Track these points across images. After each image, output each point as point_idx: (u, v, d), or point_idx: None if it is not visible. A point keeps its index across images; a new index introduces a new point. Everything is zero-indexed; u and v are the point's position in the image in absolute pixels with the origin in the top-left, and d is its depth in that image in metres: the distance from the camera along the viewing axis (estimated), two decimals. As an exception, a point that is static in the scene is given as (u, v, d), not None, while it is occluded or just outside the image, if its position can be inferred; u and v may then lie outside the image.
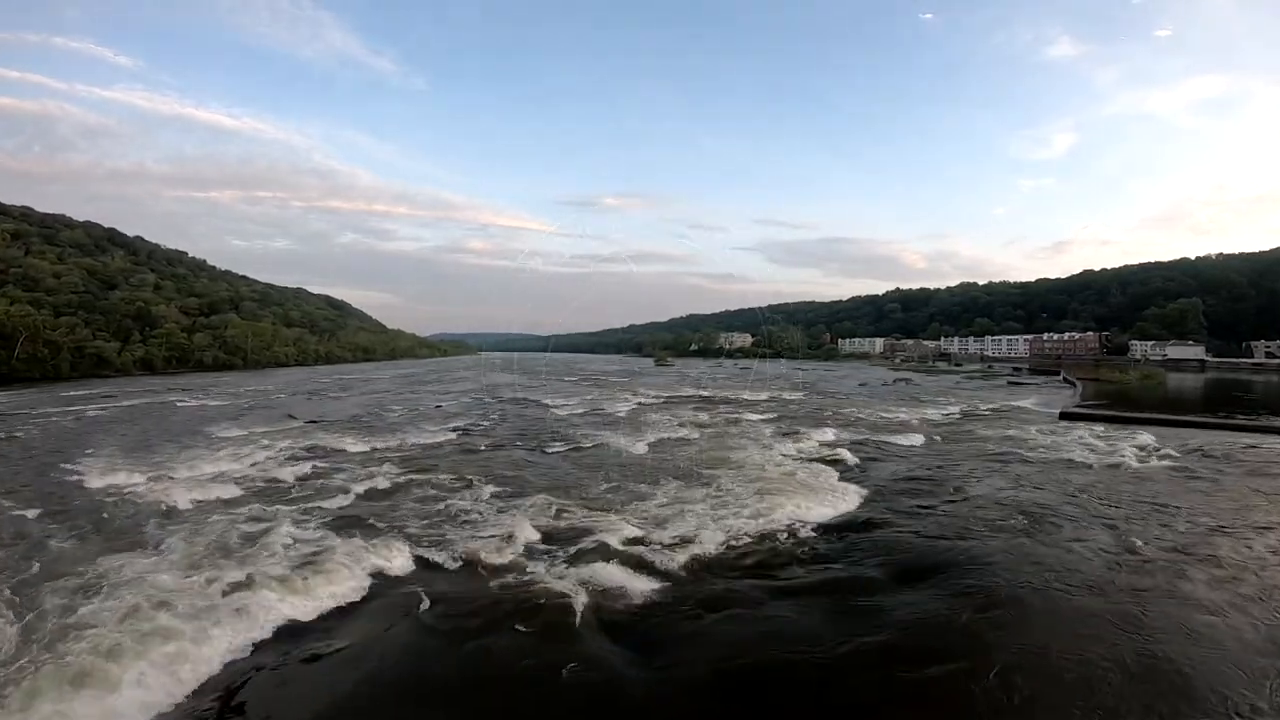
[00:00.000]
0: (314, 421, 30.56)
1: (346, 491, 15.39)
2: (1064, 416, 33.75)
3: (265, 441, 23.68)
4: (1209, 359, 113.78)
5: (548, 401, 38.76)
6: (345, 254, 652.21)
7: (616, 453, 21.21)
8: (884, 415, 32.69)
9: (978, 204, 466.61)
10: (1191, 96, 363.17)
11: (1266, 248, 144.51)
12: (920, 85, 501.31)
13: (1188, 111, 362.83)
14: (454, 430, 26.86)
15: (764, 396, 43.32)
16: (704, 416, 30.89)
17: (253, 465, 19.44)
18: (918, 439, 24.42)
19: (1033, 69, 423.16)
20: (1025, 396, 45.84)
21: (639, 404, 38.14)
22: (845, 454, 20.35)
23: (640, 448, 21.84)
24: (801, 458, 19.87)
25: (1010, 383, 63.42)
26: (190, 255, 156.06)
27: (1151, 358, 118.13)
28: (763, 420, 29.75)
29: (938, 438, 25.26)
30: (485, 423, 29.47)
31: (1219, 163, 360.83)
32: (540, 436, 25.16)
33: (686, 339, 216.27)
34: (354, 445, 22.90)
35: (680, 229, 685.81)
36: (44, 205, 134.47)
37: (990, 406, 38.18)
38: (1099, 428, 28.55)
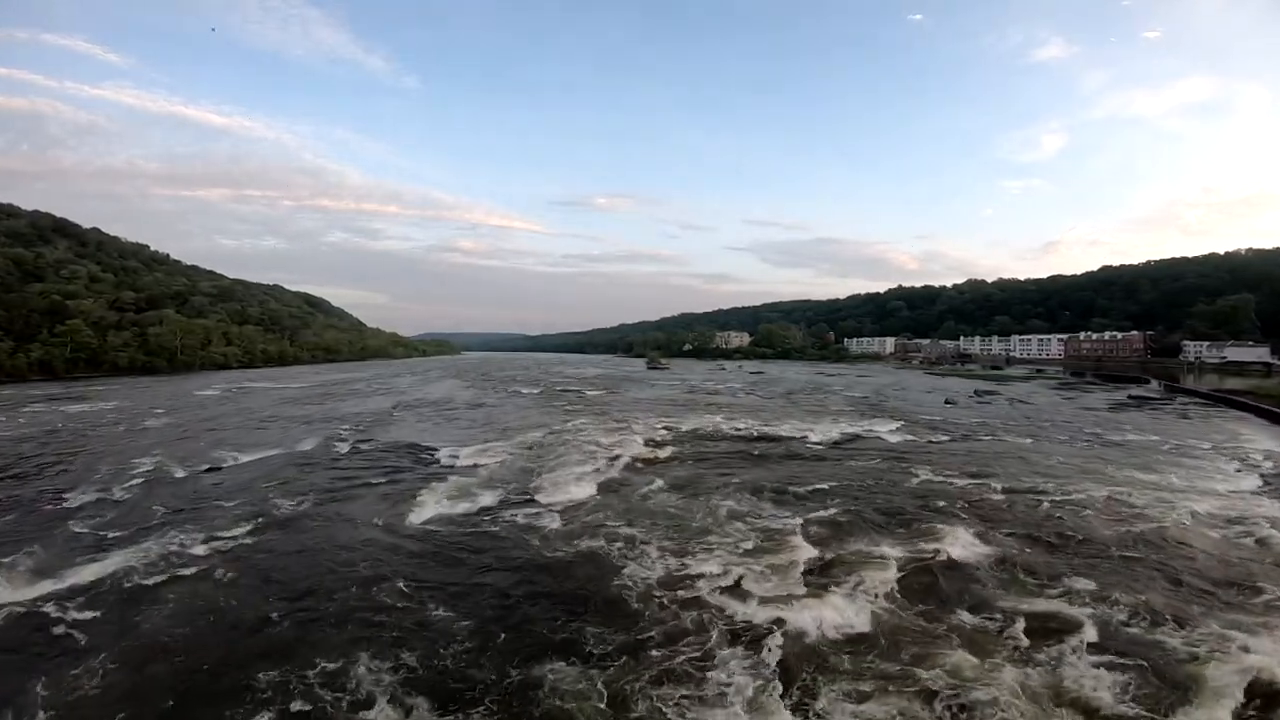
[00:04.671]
0: None
1: None
2: None
3: None
4: (1275, 361, 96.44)
5: (444, 456, 19.53)
6: (334, 253, 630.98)
7: None
8: (1189, 516, 13.96)
9: (967, 205, 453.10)
10: (1180, 99, 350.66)
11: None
12: (910, 86, 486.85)
13: (1176, 114, 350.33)
14: None
15: (837, 434, 24.61)
16: (790, 521, 12.02)
17: None
18: None
19: (1022, 70, 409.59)
20: (1223, 430, 27.98)
21: (625, 459, 19.04)
22: None
23: None
24: None
25: (1131, 397, 45.22)
26: (153, 249, 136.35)
27: (1208, 360, 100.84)
28: (953, 557, 10.58)
29: None
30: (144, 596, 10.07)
31: (1207, 165, 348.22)
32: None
33: (680, 338, 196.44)
34: None
35: (671, 229, 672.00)
36: (31, 203, 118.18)
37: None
38: None
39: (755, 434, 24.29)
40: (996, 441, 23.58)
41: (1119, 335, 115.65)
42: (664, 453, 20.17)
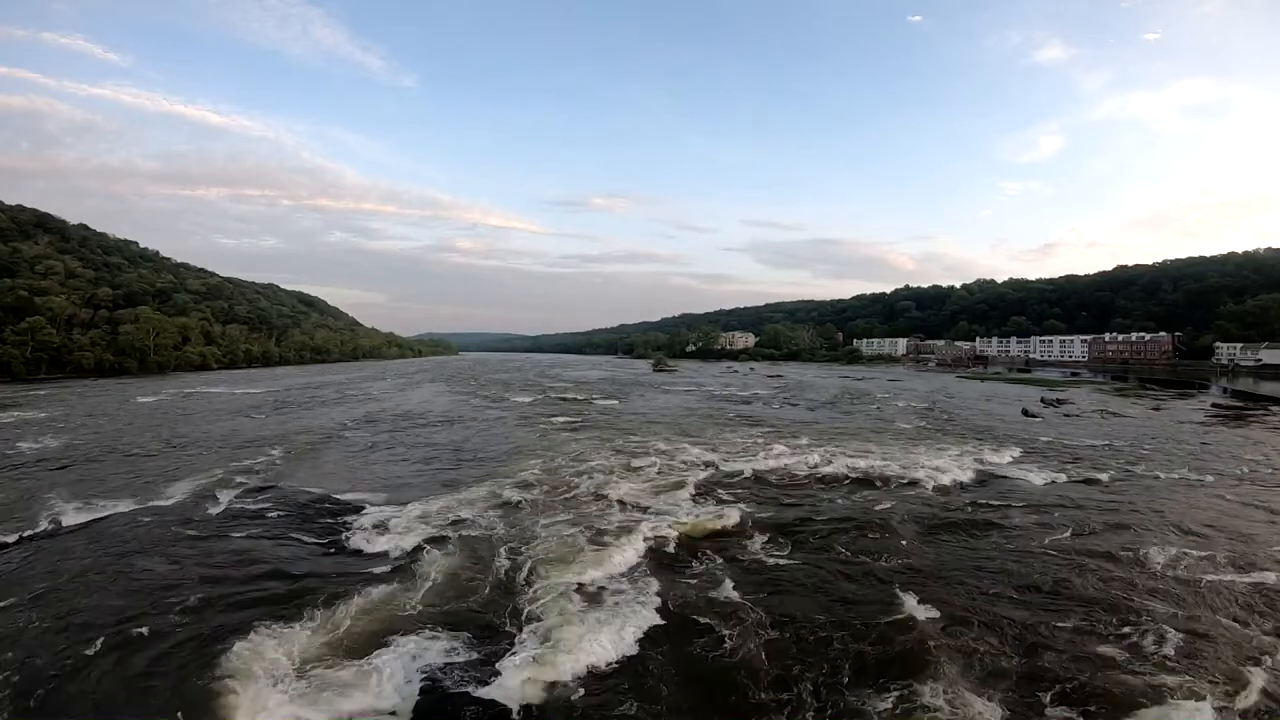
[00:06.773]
0: None
1: None
2: None
3: None
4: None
5: (368, 526, 12.03)
6: (333, 252, 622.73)
7: None
8: None
9: (965, 206, 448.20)
10: (1179, 100, 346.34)
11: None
12: (908, 87, 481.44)
13: (1175, 115, 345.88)
14: None
15: (959, 473, 17.55)
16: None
17: None
18: None
19: (1021, 72, 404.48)
20: None
21: (663, 535, 12.02)
22: None
23: None
24: None
25: (1216, 405, 38.43)
26: (142, 245, 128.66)
27: (1242, 362, 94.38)
28: None
29: None
30: None
31: (1206, 166, 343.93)
32: None
33: (683, 339, 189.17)
34: None
35: (669, 229, 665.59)
36: (31, 201, 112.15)
37: None
38: None
39: (842, 474, 17.20)
40: (1174, 483, 16.70)
41: (1146, 337, 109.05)
42: (726, 522, 12.77)
